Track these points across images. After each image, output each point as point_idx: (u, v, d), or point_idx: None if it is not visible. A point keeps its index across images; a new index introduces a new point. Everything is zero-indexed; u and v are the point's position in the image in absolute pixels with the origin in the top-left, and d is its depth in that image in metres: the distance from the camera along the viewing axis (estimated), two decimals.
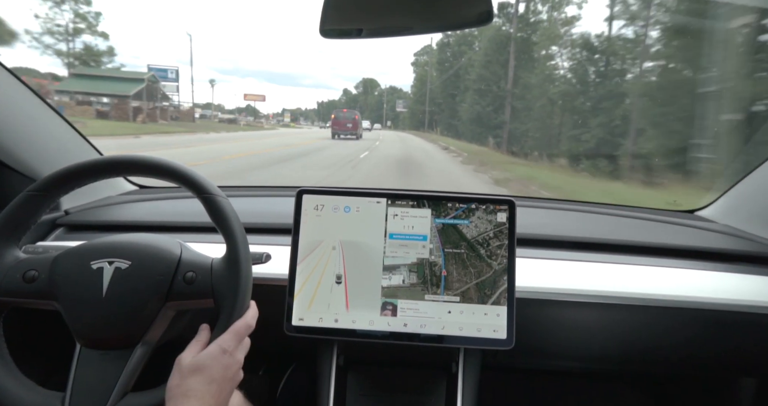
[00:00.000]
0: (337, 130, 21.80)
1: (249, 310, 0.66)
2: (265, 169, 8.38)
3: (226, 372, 0.60)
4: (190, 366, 0.58)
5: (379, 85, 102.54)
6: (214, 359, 0.59)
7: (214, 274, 0.66)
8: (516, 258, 0.81)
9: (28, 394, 0.61)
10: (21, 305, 0.65)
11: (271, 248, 0.80)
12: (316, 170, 8.65)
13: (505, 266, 0.80)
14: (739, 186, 1.15)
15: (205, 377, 0.58)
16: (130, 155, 0.69)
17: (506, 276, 0.80)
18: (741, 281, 0.93)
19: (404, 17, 0.69)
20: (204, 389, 0.57)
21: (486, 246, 0.81)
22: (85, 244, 0.67)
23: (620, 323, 0.92)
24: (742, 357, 0.98)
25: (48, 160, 1.01)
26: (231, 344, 0.61)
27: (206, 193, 0.67)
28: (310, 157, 11.64)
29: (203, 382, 0.57)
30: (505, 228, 0.82)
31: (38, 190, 0.66)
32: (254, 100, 61.84)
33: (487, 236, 0.81)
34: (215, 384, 0.58)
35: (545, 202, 1.30)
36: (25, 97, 0.98)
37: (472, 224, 0.82)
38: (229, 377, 0.61)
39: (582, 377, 1.44)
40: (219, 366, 0.59)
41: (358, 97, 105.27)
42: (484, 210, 0.82)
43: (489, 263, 0.81)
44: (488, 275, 0.80)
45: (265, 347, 0.70)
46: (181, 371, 0.58)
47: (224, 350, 0.60)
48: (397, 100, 53.53)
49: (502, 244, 0.81)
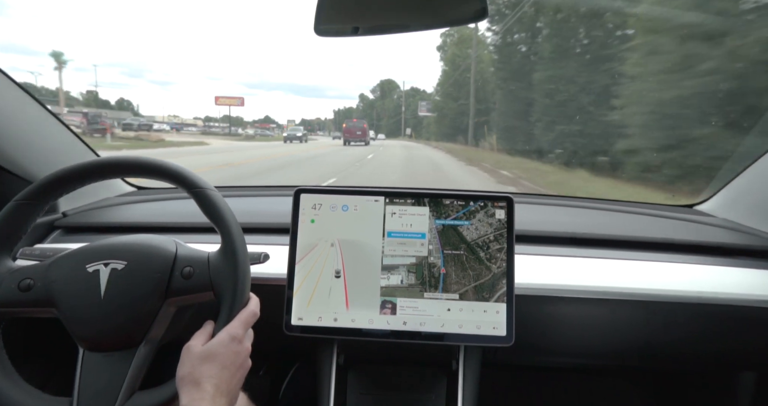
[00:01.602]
0: (348, 138, 25.40)
1: (251, 299, 0.67)
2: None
3: (237, 359, 0.61)
4: (202, 354, 0.59)
5: (398, 87, 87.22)
6: (225, 347, 0.60)
7: (212, 267, 0.65)
8: (515, 255, 0.81)
9: (34, 402, 0.61)
10: (19, 314, 0.65)
11: (270, 248, 0.80)
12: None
13: (504, 270, 0.80)
14: (738, 180, 1.15)
15: (217, 364, 0.58)
16: (117, 156, 0.69)
17: (505, 279, 0.80)
18: (740, 275, 0.93)
19: (399, 15, 0.69)
20: (217, 375, 0.57)
21: (486, 249, 0.81)
22: (79, 248, 0.67)
23: (619, 318, 0.92)
24: (741, 351, 0.98)
25: (45, 164, 1.00)
26: (240, 332, 0.62)
27: (196, 188, 0.67)
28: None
29: (216, 368, 0.58)
30: (505, 231, 0.82)
31: (27, 199, 0.66)
32: (229, 104, 49.74)
33: (487, 239, 0.81)
34: (227, 371, 0.59)
35: (544, 198, 1.30)
36: (21, 100, 0.98)
37: (472, 226, 0.82)
38: (239, 363, 0.61)
39: (582, 373, 1.44)
40: (230, 353, 0.60)
41: (375, 103, 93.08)
42: (485, 213, 0.82)
43: (488, 266, 0.81)
44: (487, 277, 0.80)
45: (265, 347, 0.70)
46: (192, 359, 0.59)
47: (233, 337, 0.61)
48: (420, 103, 39.12)
49: (501, 247, 0.81)
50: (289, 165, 11.60)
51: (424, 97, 59.84)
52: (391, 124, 79.50)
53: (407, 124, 61.40)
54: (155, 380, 0.65)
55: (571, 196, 1.32)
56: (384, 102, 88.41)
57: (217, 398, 0.56)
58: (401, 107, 68.76)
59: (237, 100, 50.86)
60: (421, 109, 38.82)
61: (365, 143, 25.12)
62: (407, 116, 64.54)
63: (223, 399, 0.57)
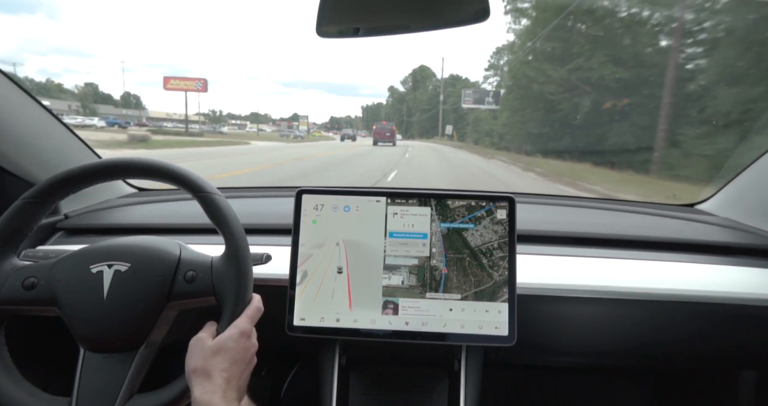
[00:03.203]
0: (378, 139, 27.30)
1: (254, 296, 0.67)
2: None
3: (246, 355, 0.62)
4: (213, 347, 0.60)
5: (434, 75, 68.78)
6: (235, 341, 0.61)
7: (215, 272, 0.66)
8: (516, 254, 0.81)
9: (34, 401, 0.61)
10: (22, 312, 0.65)
11: (272, 249, 0.80)
12: None
13: (506, 278, 0.80)
14: (739, 179, 1.15)
15: (227, 358, 0.59)
16: (125, 158, 0.69)
17: (506, 288, 0.80)
18: (741, 274, 0.93)
19: (401, 16, 0.69)
20: (228, 369, 0.58)
21: (489, 256, 0.81)
22: (84, 248, 0.67)
23: (621, 318, 0.92)
24: (742, 350, 0.98)
25: (47, 165, 1.01)
26: (248, 327, 0.63)
27: (202, 192, 0.67)
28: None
29: (226, 362, 0.59)
30: (506, 239, 0.81)
31: (34, 197, 0.66)
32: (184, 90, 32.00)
33: (491, 246, 0.81)
34: (237, 366, 0.60)
35: (545, 198, 1.30)
36: (23, 101, 0.98)
37: (477, 232, 0.81)
38: (248, 359, 0.62)
39: (583, 372, 1.44)
40: (239, 348, 0.61)
41: (406, 96, 76.89)
42: (491, 220, 0.82)
43: (490, 273, 0.80)
44: (488, 284, 0.80)
45: (267, 347, 0.70)
46: (204, 351, 0.59)
47: (243, 332, 0.62)
48: (464, 91, 26.38)
49: (505, 256, 0.81)
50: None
51: (467, 84, 48.58)
52: (423, 120, 63.57)
53: (446, 120, 46.40)
54: (155, 382, 0.66)
55: (572, 196, 1.32)
56: (416, 94, 71.28)
57: (228, 391, 0.57)
58: (438, 98, 53.51)
59: (195, 83, 33.33)
60: (466, 99, 26.07)
61: (392, 144, 26.89)
62: (447, 108, 48.44)
63: (234, 393, 0.57)
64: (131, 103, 72.49)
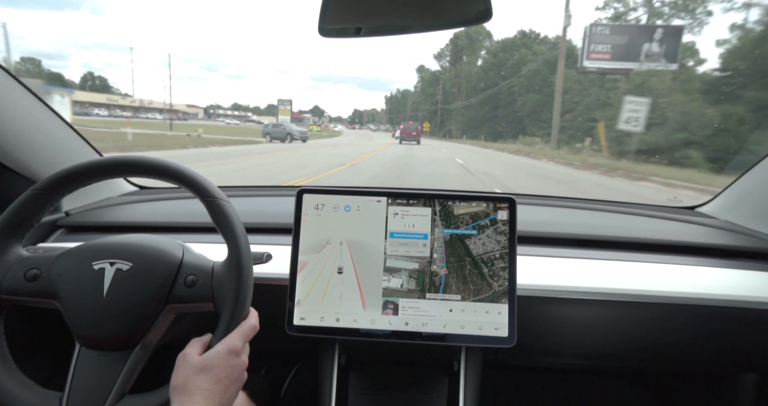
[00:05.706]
0: (404, 137, 29.35)
1: (251, 313, 0.66)
2: None
3: (232, 372, 0.60)
4: (197, 364, 0.58)
5: (490, 36, 46.94)
6: (222, 359, 0.60)
7: (215, 278, 0.65)
8: (517, 256, 0.81)
9: (26, 393, 0.61)
10: (22, 303, 0.65)
11: (272, 248, 0.80)
12: None
13: (506, 289, 0.80)
14: (740, 182, 1.15)
15: (211, 377, 0.58)
16: (133, 156, 0.69)
17: (505, 298, 0.80)
18: (742, 277, 0.93)
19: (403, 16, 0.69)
20: (210, 388, 0.57)
21: (490, 266, 0.81)
22: (87, 244, 0.68)
23: (621, 320, 0.92)
24: (743, 353, 0.98)
25: (48, 162, 1.01)
26: (238, 344, 0.62)
27: (210, 197, 0.67)
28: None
29: (210, 381, 0.57)
30: (508, 250, 0.81)
31: (43, 189, 0.67)
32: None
33: (493, 256, 0.81)
34: (221, 384, 0.58)
35: (546, 199, 1.30)
36: (24, 98, 0.98)
37: (480, 241, 0.81)
38: (235, 377, 0.61)
39: (583, 374, 1.44)
40: (226, 366, 0.59)
41: (441, 76, 57.07)
42: (494, 229, 0.81)
43: (490, 283, 0.80)
44: (487, 294, 0.80)
45: (267, 347, 0.70)
46: (187, 369, 0.58)
47: (231, 350, 0.61)
48: (592, 29, 11.70)
49: (505, 266, 0.80)
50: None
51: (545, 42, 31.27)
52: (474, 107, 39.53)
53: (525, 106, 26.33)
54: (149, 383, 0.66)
55: (574, 198, 1.32)
56: (459, 68, 48.67)
57: None
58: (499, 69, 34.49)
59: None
60: (596, 52, 13.77)
61: (417, 143, 28.97)
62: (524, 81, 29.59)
63: None
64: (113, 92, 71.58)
